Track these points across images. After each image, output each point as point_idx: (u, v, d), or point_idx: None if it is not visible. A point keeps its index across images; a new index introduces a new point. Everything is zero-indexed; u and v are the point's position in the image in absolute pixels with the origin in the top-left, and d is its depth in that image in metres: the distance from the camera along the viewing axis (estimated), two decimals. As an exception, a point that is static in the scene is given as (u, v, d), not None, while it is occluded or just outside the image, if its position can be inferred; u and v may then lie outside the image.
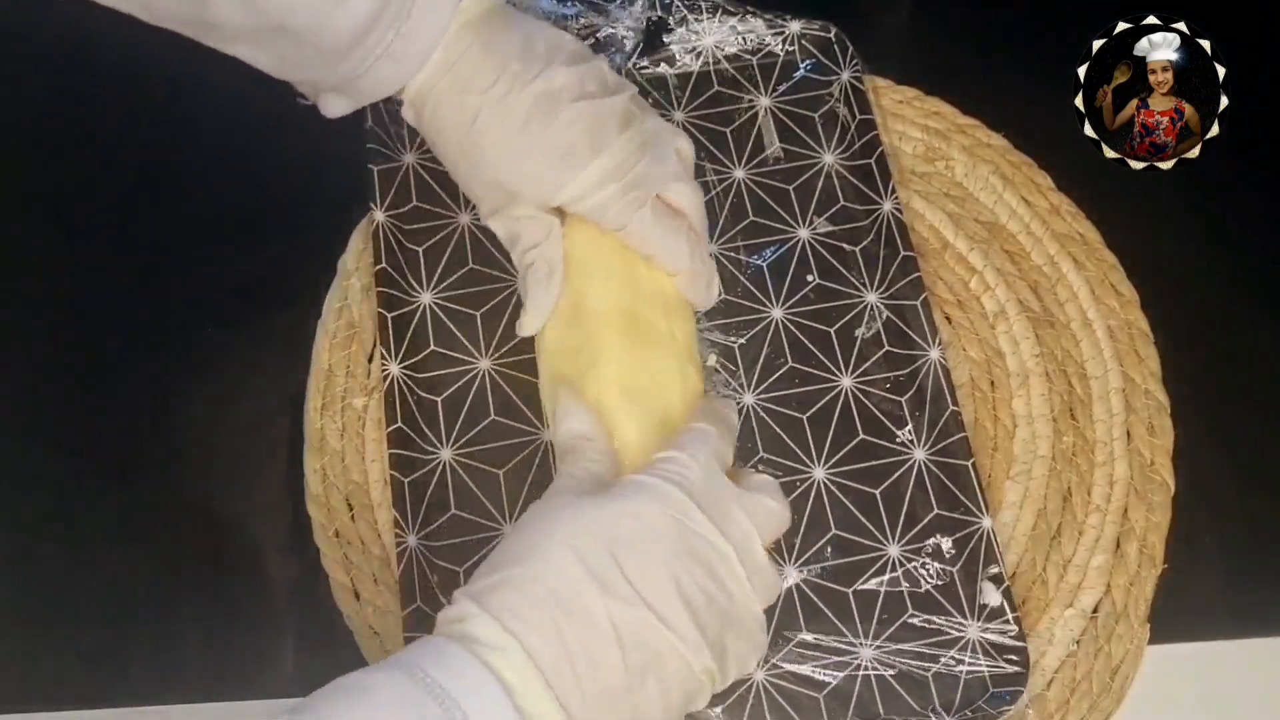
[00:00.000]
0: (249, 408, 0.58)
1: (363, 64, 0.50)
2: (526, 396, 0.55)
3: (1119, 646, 0.52)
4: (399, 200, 0.59)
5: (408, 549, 0.51)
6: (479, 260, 0.58)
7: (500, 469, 0.54)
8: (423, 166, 0.60)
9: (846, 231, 0.59)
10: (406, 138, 0.61)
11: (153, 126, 0.66)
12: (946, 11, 0.69)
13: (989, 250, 0.60)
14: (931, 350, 0.55)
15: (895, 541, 0.52)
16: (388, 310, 0.56)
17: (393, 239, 0.58)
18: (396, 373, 0.55)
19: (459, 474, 0.54)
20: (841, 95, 0.62)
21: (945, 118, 0.64)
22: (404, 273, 0.58)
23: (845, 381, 0.55)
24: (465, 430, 0.55)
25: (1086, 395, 0.57)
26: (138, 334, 0.61)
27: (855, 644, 0.50)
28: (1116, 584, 0.53)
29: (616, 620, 0.40)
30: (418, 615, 0.50)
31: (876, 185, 0.59)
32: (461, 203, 0.60)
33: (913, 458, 0.54)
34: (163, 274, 0.62)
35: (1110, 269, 0.60)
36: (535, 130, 0.50)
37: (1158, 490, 0.55)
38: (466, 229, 0.59)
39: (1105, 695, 0.51)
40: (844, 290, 0.58)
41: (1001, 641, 0.49)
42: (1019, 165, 0.62)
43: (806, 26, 0.63)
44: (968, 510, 0.52)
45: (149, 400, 0.59)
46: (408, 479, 0.53)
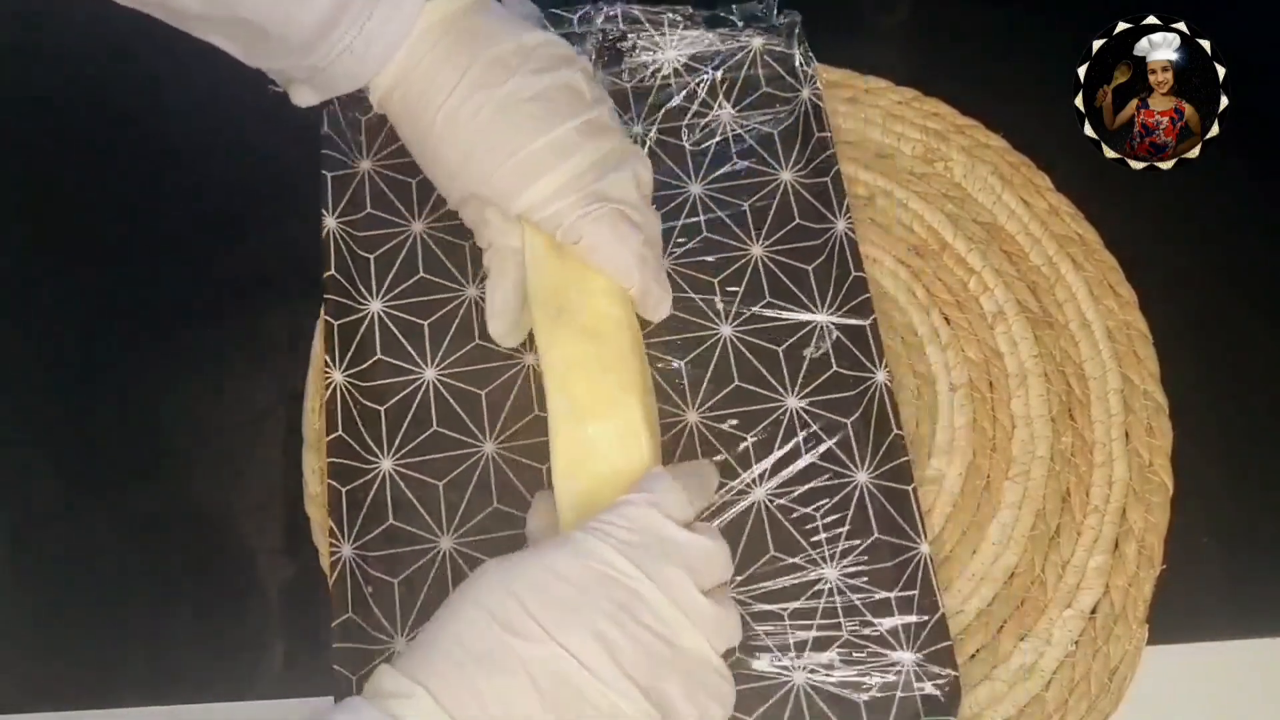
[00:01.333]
0: (247, 407, 0.58)
1: (325, 59, 0.50)
2: (470, 408, 0.55)
3: (1117, 647, 0.52)
4: (353, 207, 0.59)
5: (342, 558, 0.51)
6: (430, 269, 0.58)
7: (440, 480, 0.54)
8: (378, 174, 0.60)
9: (800, 250, 0.59)
10: (364, 144, 0.61)
11: (149, 120, 0.66)
12: (946, 12, 0.69)
13: (988, 251, 0.60)
14: (878, 373, 0.54)
15: (832, 564, 0.52)
16: (335, 318, 0.55)
17: (344, 245, 0.58)
18: (340, 380, 0.54)
19: (398, 484, 0.53)
20: (801, 113, 0.61)
21: (944, 118, 0.64)
22: (354, 280, 0.57)
23: (791, 402, 0.55)
24: (407, 440, 0.54)
25: (1085, 396, 0.57)
26: (136, 332, 0.61)
27: (789, 666, 0.50)
28: (1115, 585, 0.53)
29: (526, 659, 0.39)
30: (348, 626, 0.50)
31: (831, 204, 0.58)
32: (415, 211, 0.59)
33: (855, 480, 0.53)
34: (162, 272, 0.62)
35: (1109, 270, 0.60)
36: (495, 138, 0.50)
37: (1156, 491, 0.55)
38: (419, 237, 0.59)
39: (1104, 696, 0.51)
40: (794, 309, 0.57)
41: (934, 669, 0.49)
42: (1018, 166, 0.62)
43: (769, 42, 0.62)
44: (906, 536, 0.51)
45: (147, 399, 0.59)
46: (345, 488, 0.52)
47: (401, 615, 0.51)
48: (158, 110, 0.67)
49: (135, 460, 0.57)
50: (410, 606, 0.51)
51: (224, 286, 0.61)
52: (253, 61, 0.51)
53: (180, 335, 0.60)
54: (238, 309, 0.61)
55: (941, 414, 0.57)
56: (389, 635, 0.51)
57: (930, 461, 0.56)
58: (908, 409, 0.57)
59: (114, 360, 0.60)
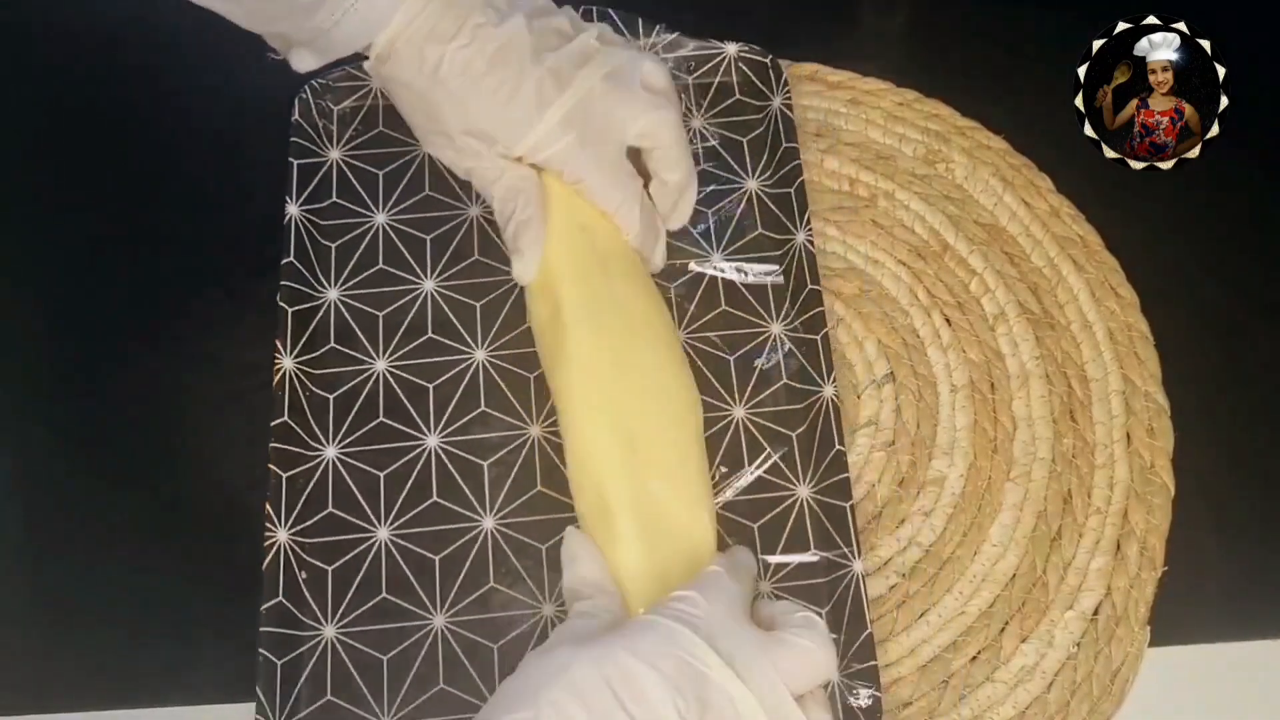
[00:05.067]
0: (247, 407, 0.58)
1: (330, 18, 0.50)
2: (416, 400, 0.55)
3: (1119, 649, 0.52)
4: (318, 195, 0.59)
5: (277, 543, 0.51)
6: (389, 261, 0.58)
7: (382, 471, 0.54)
8: (346, 164, 0.60)
9: (759, 260, 0.59)
10: (335, 133, 0.61)
11: (139, 102, 0.66)
12: (946, 13, 0.68)
13: (989, 252, 0.60)
14: (826, 387, 0.54)
15: (767, 578, 0.52)
16: (289, 304, 0.56)
17: (304, 233, 0.58)
18: (290, 367, 0.55)
19: (340, 472, 0.54)
20: (771, 122, 0.61)
21: (945, 120, 0.64)
22: (313, 268, 0.58)
23: (738, 412, 0.55)
24: (353, 430, 0.55)
25: (1086, 397, 0.57)
26: (136, 333, 0.60)
27: None
28: (1116, 586, 0.53)
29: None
30: (279, 610, 0.50)
31: (794, 215, 0.58)
32: (380, 202, 0.60)
33: (796, 495, 0.53)
34: (163, 273, 0.62)
35: (1110, 271, 0.60)
36: (495, 81, 0.51)
37: (1158, 492, 0.55)
38: (382, 228, 0.59)
39: (1105, 698, 0.51)
40: (750, 319, 0.57)
41: (859, 687, 0.49)
42: (1019, 167, 0.62)
43: (743, 50, 0.62)
44: (842, 553, 0.51)
45: (147, 400, 0.59)
46: (286, 474, 0.53)
47: (333, 603, 0.51)
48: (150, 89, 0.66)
49: (136, 461, 0.57)
50: (342, 595, 0.52)
51: (226, 287, 0.61)
52: (254, 26, 0.51)
53: (182, 337, 0.60)
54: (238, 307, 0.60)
55: (943, 415, 0.57)
56: (319, 623, 0.51)
57: (931, 463, 0.56)
58: (909, 410, 0.57)
59: (111, 357, 0.60)
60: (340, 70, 0.61)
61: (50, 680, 0.53)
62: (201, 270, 0.61)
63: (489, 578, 0.52)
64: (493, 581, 0.52)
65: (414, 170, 0.61)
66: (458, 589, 0.52)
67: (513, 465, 0.54)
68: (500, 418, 0.55)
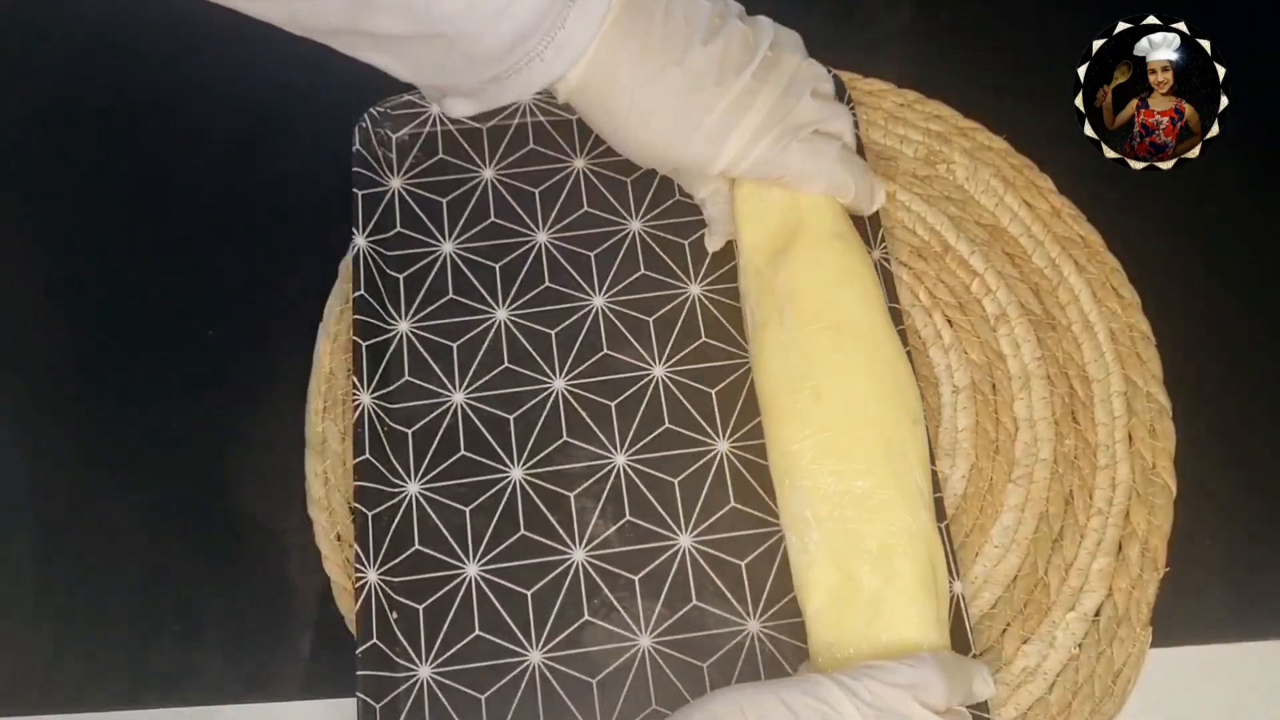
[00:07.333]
0: (249, 409, 0.58)
1: (512, 69, 0.48)
2: (498, 432, 0.55)
3: (1121, 650, 0.52)
4: (382, 225, 0.59)
5: (367, 584, 0.50)
6: (459, 290, 0.58)
7: (467, 506, 0.53)
8: (408, 192, 0.60)
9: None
10: (395, 162, 0.60)
11: (156, 125, 0.66)
12: (947, 13, 0.69)
13: (990, 253, 0.60)
14: None
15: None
16: (363, 338, 0.55)
17: (373, 265, 0.57)
18: (368, 403, 0.54)
19: (424, 509, 0.53)
20: None
21: (946, 120, 0.64)
22: (383, 300, 0.57)
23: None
24: (434, 465, 0.54)
25: (1088, 398, 0.57)
26: (137, 336, 0.60)
27: None
28: (1118, 587, 0.53)
29: None
30: (374, 653, 0.49)
31: None
32: (446, 231, 0.59)
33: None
34: (167, 276, 0.62)
35: (1112, 272, 0.60)
36: (684, 112, 0.51)
37: (1159, 493, 0.55)
38: (449, 258, 0.58)
39: (1107, 699, 0.51)
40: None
41: None
42: (1020, 168, 0.62)
43: None
44: None
45: (151, 403, 0.59)
46: (371, 512, 0.52)
47: (426, 643, 0.51)
48: (168, 114, 0.66)
49: (137, 462, 0.57)
50: (435, 634, 0.51)
51: (227, 291, 0.61)
52: (415, 79, 0.50)
53: (186, 339, 0.60)
54: (241, 313, 0.60)
55: (944, 416, 0.57)
56: (414, 663, 0.50)
57: (933, 465, 0.56)
58: (911, 412, 0.57)
59: (115, 363, 0.60)
60: (399, 97, 0.60)
61: (58, 681, 0.53)
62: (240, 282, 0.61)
63: (583, 611, 0.51)
64: (586, 615, 0.51)
65: (478, 197, 0.60)
66: (552, 624, 0.51)
67: (599, 495, 0.53)
68: (583, 447, 0.54)
